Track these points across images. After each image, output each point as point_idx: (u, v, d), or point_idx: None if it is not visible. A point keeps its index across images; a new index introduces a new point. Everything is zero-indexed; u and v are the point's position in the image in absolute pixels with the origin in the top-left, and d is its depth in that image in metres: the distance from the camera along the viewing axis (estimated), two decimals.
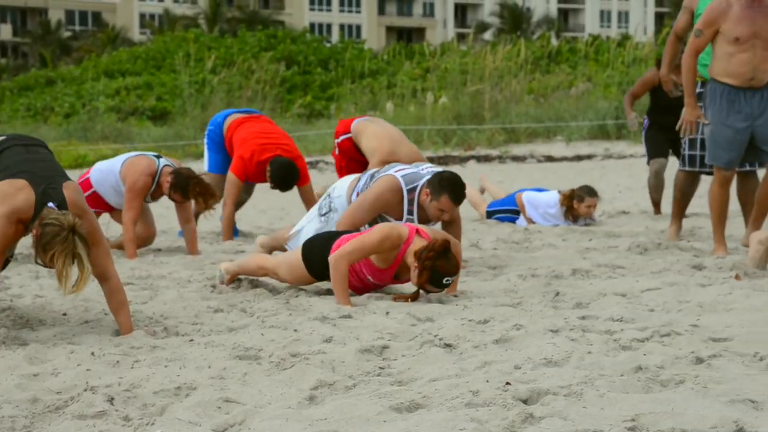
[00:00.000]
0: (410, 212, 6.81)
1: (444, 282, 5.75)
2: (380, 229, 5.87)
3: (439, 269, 5.69)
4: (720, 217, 7.39)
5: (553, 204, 10.20)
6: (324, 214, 7.15)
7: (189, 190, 8.03)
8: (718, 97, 7.28)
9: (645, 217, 10.70)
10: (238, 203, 9.75)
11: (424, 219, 6.84)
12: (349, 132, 9.70)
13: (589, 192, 10.14)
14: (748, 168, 8.14)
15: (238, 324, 5.35)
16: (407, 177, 6.81)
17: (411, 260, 5.80)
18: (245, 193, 9.94)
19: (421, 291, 5.91)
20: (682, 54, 7.64)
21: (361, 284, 6.09)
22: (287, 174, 9.10)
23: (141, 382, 4.10)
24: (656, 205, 10.84)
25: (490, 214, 10.61)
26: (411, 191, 6.78)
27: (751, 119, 7.25)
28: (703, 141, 8.23)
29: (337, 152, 9.83)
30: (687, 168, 8.43)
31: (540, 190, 10.63)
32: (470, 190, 10.81)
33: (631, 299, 5.79)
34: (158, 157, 8.29)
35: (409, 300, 5.85)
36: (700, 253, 7.58)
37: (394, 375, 4.22)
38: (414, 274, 5.78)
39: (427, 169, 6.89)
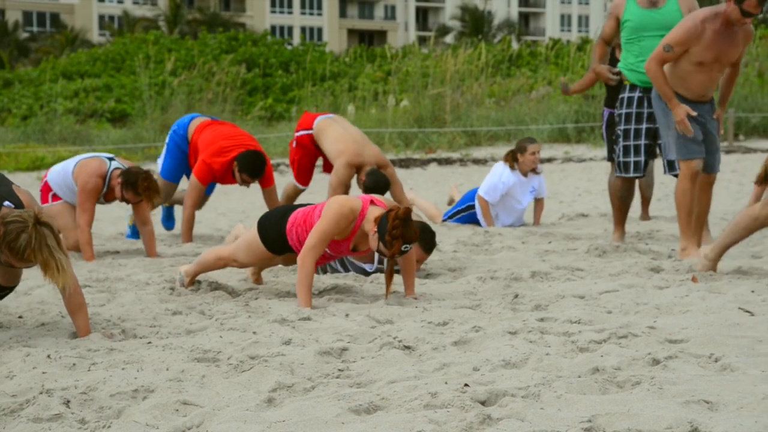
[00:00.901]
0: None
1: (403, 249, 5.77)
2: (333, 211, 5.84)
3: (402, 237, 5.72)
4: (690, 214, 7.49)
5: (501, 171, 10.30)
6: None
7: (138, 185, 7.98)
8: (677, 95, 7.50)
9: (604, 220, 10.77)
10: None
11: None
12: (310, 128, 9.69)
13: (528, 140, 10.35)
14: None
15: (196, 326, 5.32)
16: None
17: (369, 227, 5.81)
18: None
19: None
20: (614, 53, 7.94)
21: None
22: (255, 160, 9.06)
23: (98, 384, 4.07)
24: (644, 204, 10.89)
25: (448, 219, 10.63)
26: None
27: (701, 125, 7.57)
28: (637, 147, 8.39)
29: (294, 145, 9.83)
30: (624, 174, 8.50)
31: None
32: (425, 204, 10.85)
33: (589, 301, 5.83)
34: (111, 159, 8.24)
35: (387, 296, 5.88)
36: (657, 256, 7.63)
37: (353, 377, 4.23)
38: (373, 239, 5.77)
39: None
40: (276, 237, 6.05)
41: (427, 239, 6.71)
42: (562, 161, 21.23)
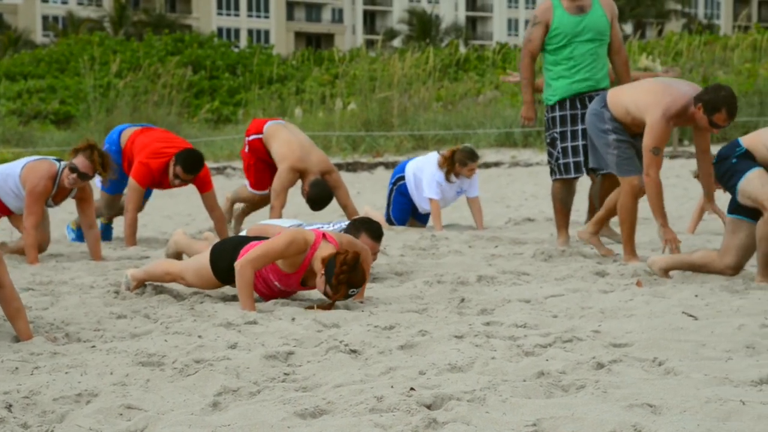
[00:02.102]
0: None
1: (350, 293, 5.77)
2: (286, 235, 5.87)
3: (349, 281, 5.71)
4: (633, 228, 7.59)
5: (432, 164, 10.44)
6: None
7: (93, 160, 7.92)
8: (617, 122, 7.49)
9: (550, 225, 10.83)
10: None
11: None
12: (261, 132, 9.68)
13: (471, 156, 10.46)
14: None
15: (141, 330, 5.28)
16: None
17: (318, 266, 5.80)
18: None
19: (325, 297, 5.91)
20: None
21: (268, 290, 6.07)
22: (193, 156, 8.99)
23: (40, 388, 4.03)
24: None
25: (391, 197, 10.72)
26: None
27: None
28: (575, 148, 8.52)
29: (246, 150, 9.80)
30: (565, 176, 8.57)
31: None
32: (379, 216, 10.88)
33: (535, 305, 5.86)
34: (59, 161, 8.16)
35: (316, 308, 5.83)
36: (603, 260, 7.69)
37: (299, 381, 4.22)
38: (320, 281, 5.77)
39: (339, 225, 6.94)
40: (226, 268, 6.01)
41: (373, 229, 6.67)
42: (509, 165, 21.34)
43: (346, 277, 5.69)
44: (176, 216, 13.06)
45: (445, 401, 3.67)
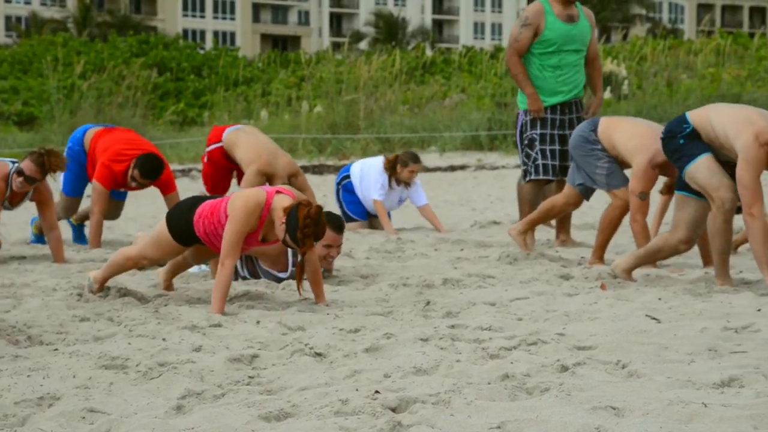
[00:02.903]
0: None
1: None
2: (239, 209, 5.80)
3: (315, 234, 5.76)
4: (609, 239, 7.77)
5: (378, 166, 10.54)
6: None
7: (41, 164, 7.86)
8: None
9: None
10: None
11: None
12: (219, 141, 9.63)
13: (413, 157, 10.57)
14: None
15: (104, 333, 5.25)
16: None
17: (278, 215, 5.79)
18: (115, 210, 9.71)
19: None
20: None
21: None
22: (152, 161, 8.92)
23: (2, 392, 4.00)
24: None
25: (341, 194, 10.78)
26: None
27: None
28: (553, 152, 8.68)
29: (206, 160, 9.75)
30: (542, 176, 8.64)
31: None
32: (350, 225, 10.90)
33: (500, 308, 5.87)
34: (14, 162, 8.09)
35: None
36: (567, 263, 7.72)
37: (263, 384, 4.21)
38: (280, 229, 5.75)
39: None
40: (183, 227, 6.01)
41: (333, 220, 6.66)
42: (475, 169, 21.39)
43: (312, 230, 5.70)
44: (141, 218, 12.99)
45: (410, 404, 3.67)
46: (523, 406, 3.63)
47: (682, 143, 6.45)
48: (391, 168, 10.48)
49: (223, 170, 9.76)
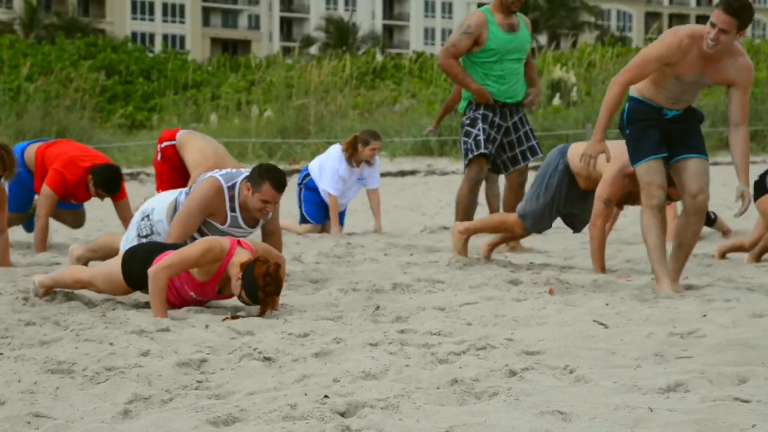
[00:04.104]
0: (233, 209, 6.77)
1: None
2: (202, 242, 5.83)
3: (275, 293, 5.74)
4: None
5: (337, 165, 10.59)
6: (145, 236, 7.01)
7: (3, 158, 7.77)
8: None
9: None
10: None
11: (250, 219, 6.82)
12: (173, 139, 9.59)
13: (373, 135, 10.76)
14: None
15: (50, 337, 5.20)
16: (226, 176, 6.82)
17: (235, 271, 5.76)
18: (80, 218, 9.68)
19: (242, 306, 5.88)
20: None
21: (180, 301, 6.00)
22: (112, 174, 8.89)
23: None
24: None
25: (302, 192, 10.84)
26: (231, 188, 6.76)
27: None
28: (494, 138, 8.76)
29: (159, 158, 9.70)
30: (483, 150, 8.76)
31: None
32: (300, 228, 10.86)
33: (449, 313, 5.89)
34: None
35: (231, 318, 5.76)
36: (516, 269, 7.76)
37: (211, 388, 4.19)
38: (236, 285, 5.73)
39: (246, 172, 6.90)
40: (139, 273, 5.94)
41: (277, 177, 6.64)
42: (425, 174, 21.45)
43: (273, 289, 5.69)
44: (88, 222, 12.86)
45: (359, 408, 3.67)
46: (472, 410, 3.64)
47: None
48: (351, 149, 10.58)
49: (175, 170, 9.71)
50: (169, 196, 7.17)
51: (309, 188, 10.78)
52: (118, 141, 26.59)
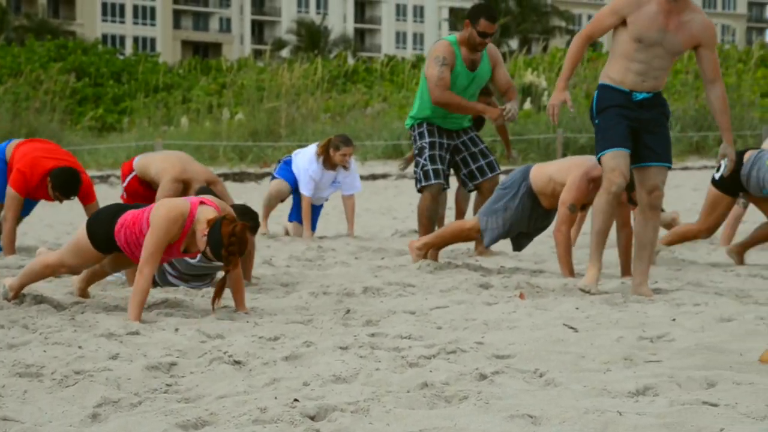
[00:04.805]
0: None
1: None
2: (161, 218, 5.74)
3: (239, 252, 5.74)
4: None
5: (309, 167, 10.71)
6: None
7: None
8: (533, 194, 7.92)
9: None
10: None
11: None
12: (132, 170, 9.52)
13: (344, 141, 10.83)
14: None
15: (19, 340, 5.17)
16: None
17: (201, 227, 5.74)
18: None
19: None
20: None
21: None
22: (70, 178, 8.81)
23: None
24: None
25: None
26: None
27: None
28: (442, 157, 8.77)
29: (125, 195, 9.63)
30: (432, 182, 8.72)
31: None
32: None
33: (419, 317, 5.90)
34: None
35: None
36: (487, 273, 7.78)
37: (181, 392, 4.17)
38: (201, 241, 5.71)
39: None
40: (104, 235, 5.93)
41: (251, 216, 6.67)
42: (396, 178, 21.46)
43: (236, 249, 5.69)
44: (58, 225, 12.82)
45: (329, 412, 3.67)
46: (442, 414, 3.64)
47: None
48: (324, 152, 10.72)
49: (143, 201, 9.64)
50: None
51: (285, 163, 10.97)
52: (88, 143, 26.48)
